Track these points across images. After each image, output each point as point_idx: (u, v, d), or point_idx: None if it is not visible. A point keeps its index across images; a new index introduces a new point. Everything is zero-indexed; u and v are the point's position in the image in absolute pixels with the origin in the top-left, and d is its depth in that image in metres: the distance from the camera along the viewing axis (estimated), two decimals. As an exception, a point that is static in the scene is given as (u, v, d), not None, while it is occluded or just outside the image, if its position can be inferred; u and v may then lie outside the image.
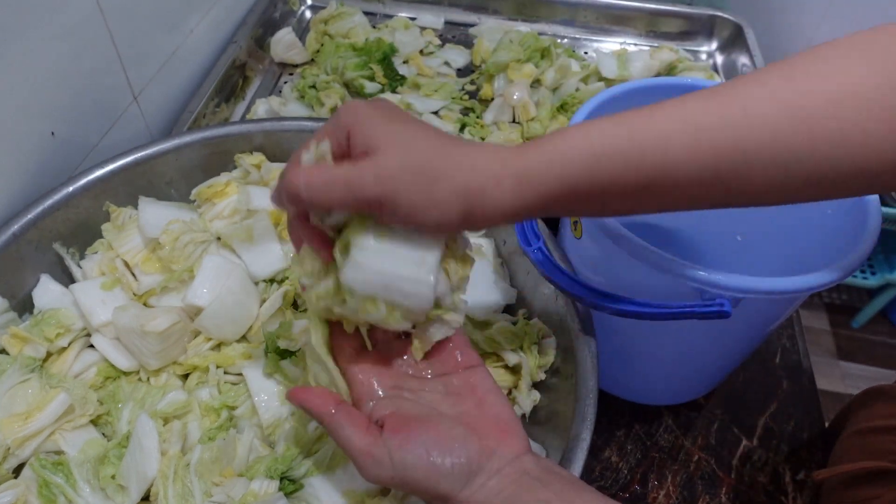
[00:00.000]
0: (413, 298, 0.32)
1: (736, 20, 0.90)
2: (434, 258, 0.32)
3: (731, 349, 0.51)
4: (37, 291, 0.49)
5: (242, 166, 0.57)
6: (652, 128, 0.31)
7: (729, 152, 0.30)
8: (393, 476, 0.32)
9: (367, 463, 0.33)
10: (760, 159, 0.30)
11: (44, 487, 0.40)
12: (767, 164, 0.30)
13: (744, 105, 0.30)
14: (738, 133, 0.30)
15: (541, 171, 0.31)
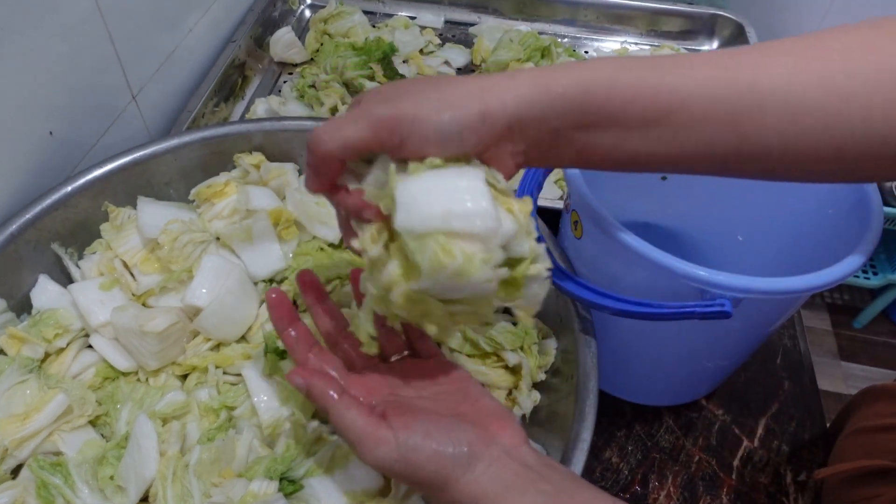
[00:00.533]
0: (477, 220, 0.28)
1: (737, 19, 0.89)
2: (480, 182, 0.30)
3: (732, 349, 0.51)
4: (35, 292, 0.49)
5: (242, 166, 0.57)
6: (672, 61, 0.31)
7: (745, 91, 0.30)
8: (397, 458, 0.32)
9: (371, 444, 0.32)
10: (775, 108, 0.30)
11: (42, 488, 0.40)
12: (782, 116, 0.30)
13: (763, 54, 0.31)
14: (756, 74, 0.30)
15: (559, 75, 0.31)
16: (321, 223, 0.54)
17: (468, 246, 0.29)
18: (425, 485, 0.33)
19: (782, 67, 0.30)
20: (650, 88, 0.31)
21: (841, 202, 0.47)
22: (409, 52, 0.85)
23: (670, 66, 0.31)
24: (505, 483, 0.32)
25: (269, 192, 0.55)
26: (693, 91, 0.30)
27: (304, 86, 0.78)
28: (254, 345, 0.48)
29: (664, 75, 0.31)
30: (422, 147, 0.30)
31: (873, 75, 0.29)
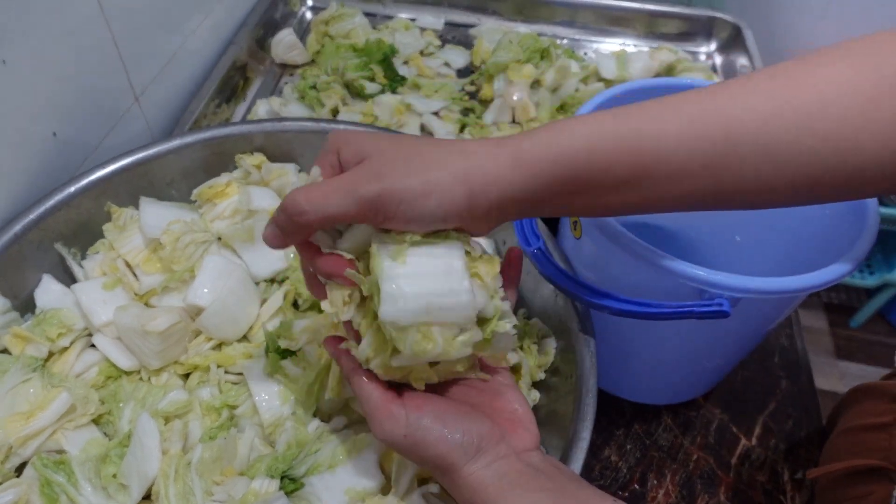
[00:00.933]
0: (456, 310, 0.31)
1: (734, 21, 0.90)
2: (459, 262, 0.32)
3: (729, 349, 0.52)
4: (38, 291, 0.49)
5: (243, 167, 0.57)
6: (648, 117, 0.31)
7: (720, 141, 0.30)
8: (405, 435, 0.33)
9: (383, 418, 0.33)
10: (751, 152, 0.30)
11: (45, 486, 0.40)
12: (758, 158, 0.30)
13: (736, 98, 0.31)
14: (729, 123, 0.30)
15: (538, 152, 0.31)
16: (322, 223, 0.54)
17: (448, 331, 0.31)
18: (430, 465, 0.34)
19: (756, 111, 0.30)
20: (627, 154, 0.31)
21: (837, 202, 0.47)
22: (409, 54, 0.86)
23: (645, 121, 0.31)
24: (509, 480, 0.32)
25: (271, 192, 0.55)
26: (669, 148, 0.31)
27: (306, 87, 0.78)
28: (255, 344, 0.49)
29: (641, 138, 0.31)
30: (406, 226, 0.31)
31: (846, 111, 0.29)
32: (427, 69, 0.84)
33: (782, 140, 0.30)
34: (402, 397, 0.34)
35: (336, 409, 0.46)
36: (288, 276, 0.52)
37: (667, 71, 0.85)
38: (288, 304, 0.51)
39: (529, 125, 0.75)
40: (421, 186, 0.30)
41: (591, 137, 0.31)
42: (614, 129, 0.31)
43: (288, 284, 0.52)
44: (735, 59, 0.88)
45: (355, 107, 0.77)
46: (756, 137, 0.30)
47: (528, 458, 0.34)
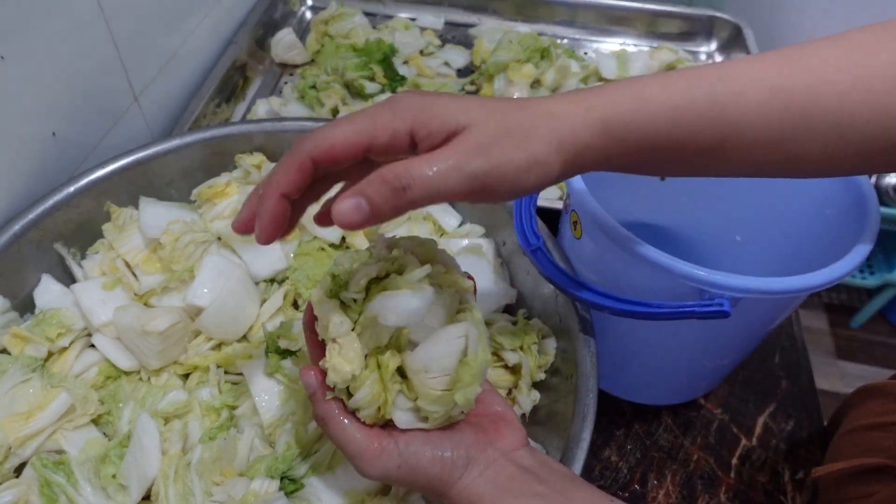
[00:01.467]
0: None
1: (735, 21, 0.90)
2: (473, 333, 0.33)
3: (730, 349, 0.51)
4: (38, 291, 0.49)
5: (243, 167, 0.57)
6: (729, 86, 0.31)
7: (798, 114, 0.31)
8: (399, 465, 0.33)
9: (374, 456, 0.33)
10: (822, 126, 0.31)
11: (45, 487, 0.40)
12: (828, 133, 0.31)
13: (812, 70, 0.31)
14: (807, 97, 0.31)
15: (626, 121, 0.31)
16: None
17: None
18: (426, 489, 0.33)
19: (834, 86, 0.31)
20: (709, 125, 0.31)
21: (838, 202, 0.47)
22: (409, 54, 0.86)
23: (727, 89, 0.31)
24: (500, 486, 0.32)
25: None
26: (750, 120, 0.31)
27: (305, 87, 0.78)
28: (255, 344, 0.49)
29: (725, 109, 0.31)
30: (499, 199, 0.30)
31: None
32: (427, 69, 0.84)
33: (856, 116, 0.31)
34: (384, 429, 0.34)
35: (336, 409, 0.46)
36: (288, 276, 0.52)
37: (667, 71, 0.85)
38: (288, 304, 0.51)
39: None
40: (525, 162, 0.29)
41: (675, 104, 0.31)
42: (698, 96, 0.31)
43: (288, 284, 0.52)
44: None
45: (355, 106, 0.77)
46: (830, 113, 0.31)
47: (518, 459, 0.33)
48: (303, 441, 0.43)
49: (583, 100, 0.31)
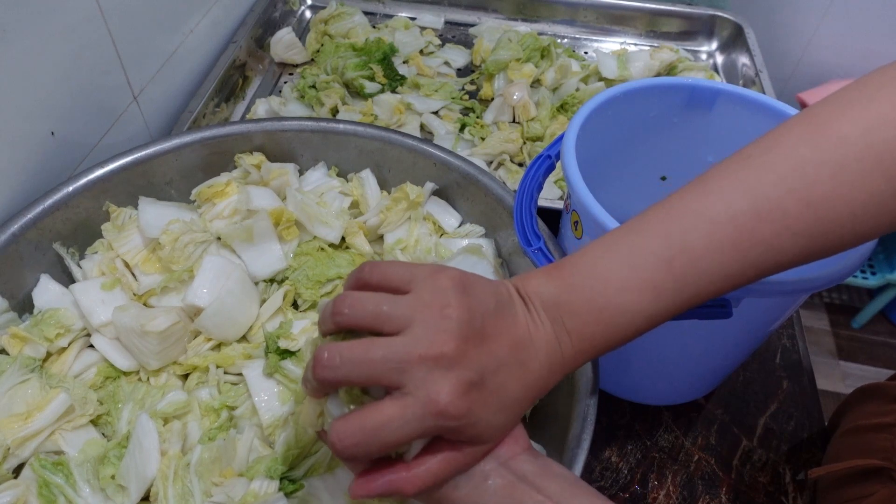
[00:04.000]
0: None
1: (736, 20, 0.90)
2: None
3: (731, 349, 0.51)
4: (37, 291, 0.49)
5: (242, 166, 0.57)
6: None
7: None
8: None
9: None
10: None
11: (44, 487, 0.40)
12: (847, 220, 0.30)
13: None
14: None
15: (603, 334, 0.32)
16: (322, 223, 0.54)
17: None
18: (422, 498, 0.33)
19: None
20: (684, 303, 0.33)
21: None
22: (409, 53, 0.85)
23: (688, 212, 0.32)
24: (498, 498, 0.31)
25: (270, 192, 0.55)
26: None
27: (305, 86, 0.78)
28: (255, 345, 0.49)
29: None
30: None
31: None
32: (427, 68, 0.84)
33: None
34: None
35: (335, 409, 0.46)
36: (287, 276, 0.52)
37: (668, 70, 0.84)
38: (287, 304, 0.51)
39: (529, 125, 0.75)
40: (502, 427, 0.31)
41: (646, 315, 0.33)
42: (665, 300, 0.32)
43: (287, 284, 0.52)
44: (736, 59, 0.88)
45: (355, 106, 0.77)
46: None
47: (516, 467, 0.32)
48: (302, 442, 0.42)
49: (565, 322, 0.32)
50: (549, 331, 0.32)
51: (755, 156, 0.32)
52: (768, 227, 0.30)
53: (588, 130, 0.47)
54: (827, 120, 0.31)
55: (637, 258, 0.32)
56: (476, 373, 0.29)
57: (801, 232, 0.30)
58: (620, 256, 0.32)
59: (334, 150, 0.59)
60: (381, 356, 0.28)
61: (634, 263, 0.32)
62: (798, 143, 0.31)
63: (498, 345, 0.30)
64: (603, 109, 0.49)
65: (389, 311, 0.30)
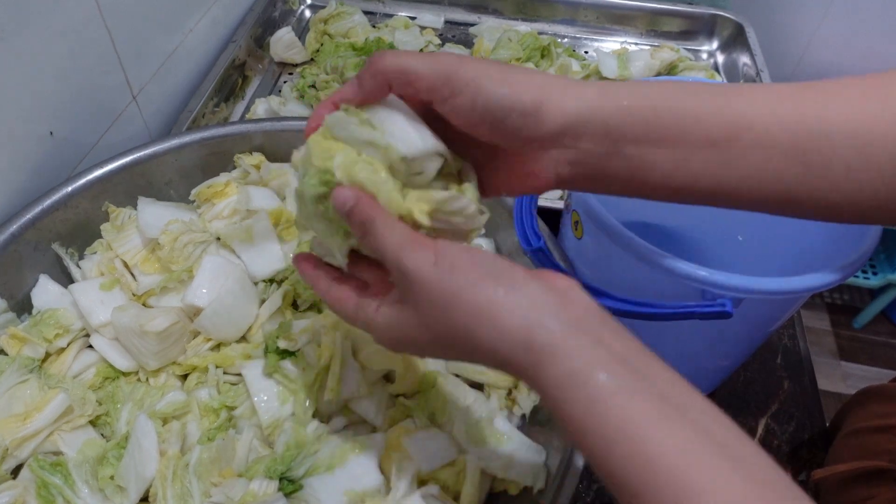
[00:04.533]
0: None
1: (737, 19, 0.89)
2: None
3: (732, 349, 0.51)
4: (35, 292, 0.49)
5: (242, 166, 0.57)
6: (738, 90, 0.31)
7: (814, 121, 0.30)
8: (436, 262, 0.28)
9: (416, 247, 0.28)
10: (842, 136, 0.30)
11: (42, 488, 0.40)
12: (849, 145, 0.30)
13: (826, 88, 0.30)
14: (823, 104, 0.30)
15: (622, 87, 0.30)
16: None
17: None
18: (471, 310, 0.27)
19: (849, 102, 0.29)
20: (717, 109, 0.30)
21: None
22: (409, 53, 0.85)
23: (734, 93, 0.31)
24: (569, 318, 0.26)
25: (270, 192, 0.55)
26: (760, 115, 0.30)
27: (305, 86, 0.78)
28: (254, 345, 0.48)
29: (730, 100, 0.30)
30: (467, 113, 0.29)
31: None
32: (427, 68, 0.84)
33: (876, 132, 0.29)
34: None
35: (335, 410, 0.45)
36: (287, 276, 0.52)
37: (668, 70, 0.84)
38: (287, 305, 0.51)
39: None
40: (496, 78, 0.29)
41: (680, 90, 0.30)
42: (703, 90, 0.30)
43: (287, 284, 0.51)
44: (737, 58, 0.88)
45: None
46: (850, 125, 0.29)
47: (576, 298, 0.27)
48: (302, 441, 0.42)
49: (581, 81, 0.31)
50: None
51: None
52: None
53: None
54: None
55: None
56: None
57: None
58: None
59: (334, 150, 0.58)
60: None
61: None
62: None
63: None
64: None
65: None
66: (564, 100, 0.29)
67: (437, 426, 0.44)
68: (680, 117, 0.30)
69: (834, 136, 0.29)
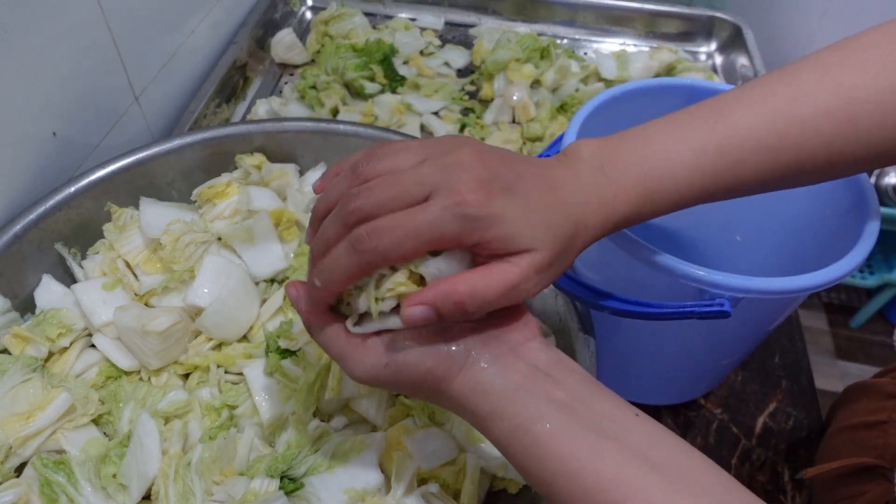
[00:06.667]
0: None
1: (735, 21, 0.90)
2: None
3: (730, 349, 0.51)
4: (38, 291, 0.49)
5: (243, 167, 0.57)
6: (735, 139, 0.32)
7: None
8: (387, 363, 0.30)
9: (361, 353, 0.30)
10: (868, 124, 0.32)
11: (45, 486, 0.40)
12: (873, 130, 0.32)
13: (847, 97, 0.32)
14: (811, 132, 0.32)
15: (655, 196, 0.32)
16: (322, 223, 0.54)
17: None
18: (419, 388, 0.30)
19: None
20: (724, 174, 0.32)
21: (838, 202, 0.47)
22: (409, 54, 0.86)
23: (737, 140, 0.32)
24: (511, 383, 0.28)
25: (271, 192, 0.55)
26: (758, 166, 0.32)
27: (305, 87, 0.78)
28: (255, 344, 0.49)
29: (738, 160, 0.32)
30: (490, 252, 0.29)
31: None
32: (427, 69, 0.84)
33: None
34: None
35: (336, 409, 0.46)
36: (288, 276, 0.52)
37: (667, 71, 0.85)
38: (288, 304, 0.51)
39: (529, 125, 0.75)
40: (533, 231, 0.29)
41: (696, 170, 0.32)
42: (708, 151, 0.32)
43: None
44: (735, 60, 0.88)
45: (355, 107, 0.77)
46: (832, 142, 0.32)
47: (528, 355, 0.30)
48: (303, 441, 0.43)
49: (617, 181, 0.31)
50: (587, 173, 0.31)
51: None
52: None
53: (587, 131, 0.47)
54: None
55: (678, 130, 0.33)
56: (502, 180, 0.28)
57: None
58: (661, 125, 0.33)
59: (335, 151, 0.59)
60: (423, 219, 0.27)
61: (675, 134, 0.32)
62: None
63: (527, 174, 0.30)
64: (602, 110, 0.49)
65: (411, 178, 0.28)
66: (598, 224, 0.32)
67: (437, 425, 0.44)
68: (692, 195, 0.32)
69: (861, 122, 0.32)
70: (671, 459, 0.26)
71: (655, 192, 0.32)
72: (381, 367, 0.30)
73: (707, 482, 0.26)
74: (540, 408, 0.28)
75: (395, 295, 0.29)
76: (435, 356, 0.29)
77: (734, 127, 0.32)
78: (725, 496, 0.25)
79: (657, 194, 0.32)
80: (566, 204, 0.30)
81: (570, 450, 0.27)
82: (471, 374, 0.29)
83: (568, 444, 0.27)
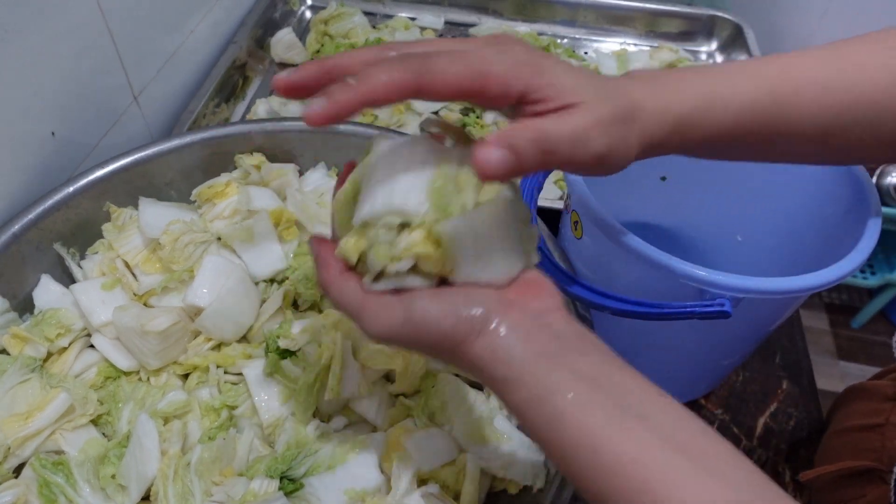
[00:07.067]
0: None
1: (735, 20, 0.90)
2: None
3: (731, 349, 0.51)
4: (37, 292, 0.49)
5: (242, 167, 0.57)
6: (788, 85, 0.34)
7: (844, 111, 0.34)
8: (404, 321, 0.29)
9: (376, 309, 0.29)
10: (865, 119, 0.34)
11: (44, 487, 0.40)
12: (869, 124, 0.34)
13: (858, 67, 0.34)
14: (853, 96, 0.34)
15: (695, 121, 0.32)
16: (322, 223, 0.54)
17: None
18: (436, 350, 0.29)
19: (875, 82, 0.34)
20: (767, 120, 0.34)
21: (839, 202, 0.47)
22: (409, 53, 0.86)
23: (785, 88, 0.34)
24: (532, 352, 0.27)
25: (270, 192, 0.55)
26: (801, 117, 0.34)
27: (305, 86, 0.78)
28: (255, 344, 0.49)
29: (782, 105, 0.34)
30: (599, 173, 0.31)
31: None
32: (427, 69, 0.84)
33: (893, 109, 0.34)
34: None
35: (336, 409, 0.46)
36: (287, 276, 0.52)
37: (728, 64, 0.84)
38: (287, 304, 0.51)
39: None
40: (632, 146, 0.31)
41: (741, 108, 0.33)
42: (760, 98, 0.33)
43: (288, 284, 0.52)
44: (736, 59, 0.88)
45: (355, 106, 0.77)
46: (872, 108, 0.34)
47: (552, 325, 0.28)
48: (302, 441, 0.43)
49: (660, 95, 0.32)
50: (623, 82, 0.32)
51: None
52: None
53: (588, 131, 0.47)
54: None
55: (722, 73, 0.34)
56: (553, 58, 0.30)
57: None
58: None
59: (334, 151, 0.59)
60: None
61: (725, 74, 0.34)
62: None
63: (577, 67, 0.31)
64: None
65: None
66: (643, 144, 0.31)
67: (437, 426, 0.44)
68: (731, 138, 0.34)
69: (857, 116, 0.34)
70: (695, 442, 0.25)
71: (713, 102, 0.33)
72: (399, 325, 0.29)
73: (728, 468, 0.25)
74: (562, 378, 0.27)
75: (412, 255, 0.29)
76: (455, 317, 0.28)
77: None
78: (747, 482, 0.24)
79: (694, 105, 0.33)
80: (618, 84, 0.31)
81: (592, 424, 0.26)
82: (491, 339, 0.28)
83: (590, 417, 0.26)
